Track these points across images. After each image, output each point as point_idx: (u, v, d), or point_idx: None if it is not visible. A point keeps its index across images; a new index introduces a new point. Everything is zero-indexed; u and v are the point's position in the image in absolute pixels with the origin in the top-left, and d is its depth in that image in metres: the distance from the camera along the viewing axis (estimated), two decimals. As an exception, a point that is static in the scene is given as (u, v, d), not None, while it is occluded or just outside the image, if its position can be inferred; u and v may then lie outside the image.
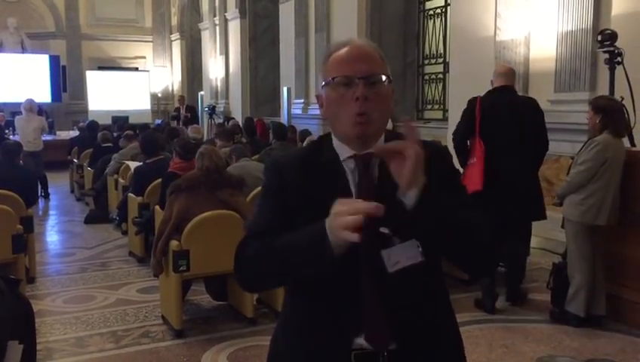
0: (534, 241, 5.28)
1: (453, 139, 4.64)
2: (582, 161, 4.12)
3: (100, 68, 18.90)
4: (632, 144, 4.50)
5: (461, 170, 4.53)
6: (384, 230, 1.36)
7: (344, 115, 1.41)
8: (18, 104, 11.11)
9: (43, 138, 10.21)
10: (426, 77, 9.74)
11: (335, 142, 1.49)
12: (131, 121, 14.17)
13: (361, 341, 1.40)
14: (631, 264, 4.21)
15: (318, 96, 1.52)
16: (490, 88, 4.62)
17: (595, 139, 4.09)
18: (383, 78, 1.43)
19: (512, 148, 4.42)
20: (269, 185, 1.53)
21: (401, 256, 1.38)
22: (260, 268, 1.45)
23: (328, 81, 1.44)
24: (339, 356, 1.41)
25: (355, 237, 1.21)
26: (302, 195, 1.43)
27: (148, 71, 19.57)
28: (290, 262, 1.38)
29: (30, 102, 10.04)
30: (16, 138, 9.39)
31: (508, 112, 4.46)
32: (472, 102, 4.56)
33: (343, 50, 1.45)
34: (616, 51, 4.67)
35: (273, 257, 1.40)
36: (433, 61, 9.56)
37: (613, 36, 4.69)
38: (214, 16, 15.81)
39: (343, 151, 1.47)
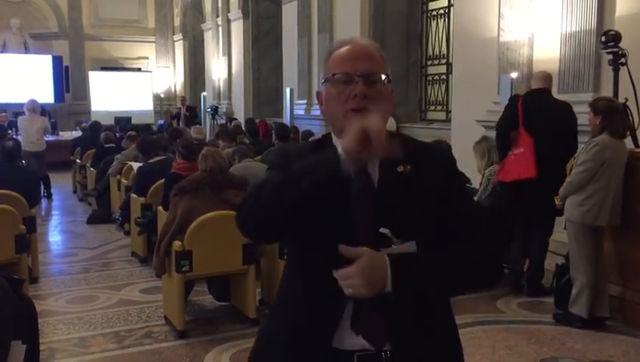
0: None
1: (497, 129, 4.98)
2: (581, 161, 4.12)
3: (103, 68, 18.95)
4: (636, 145, 4.49)
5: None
6: (384, 230, 1.36)
7: (342, 110, 1.42)
8: (21, 104, 11.12)
9: (46, 138, 10.23)
10: (429, 78, 9.72)
11: (335, 139, 1.49)
12: (134, 121, 14.23)
13: (361, 341, 1.39)
14: (634, 265, 4.20)
15: (318, 93, 1.52)
16: (529, 90, 5.11)
17: (593, 140, 4.10)
18: (383, 77, 1.44)
19: (545, 144, 4.67)
20: (275, 161, 1.53)
21: None
22: (265, 194, 1.37)
23: (328, 77, 1.46)
24: (339, 356, 1.40)
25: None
26: None
27: (150, 71, 19.62)
28: (301, 173, 1.33)
29: (33, 102, 10.06)
30: (19, 138, 9.40)
31: (544, 112, 4.76)
32: (513, 99, 5.02)
33: (345, 48, 1.46)
34: (620, 52, 4.66)
35: (282, 179, 1.35)
36: (436, 62, 9.54)
37: (617, 37, 4.68)
38: (217, 16, 15.82)
39: None
